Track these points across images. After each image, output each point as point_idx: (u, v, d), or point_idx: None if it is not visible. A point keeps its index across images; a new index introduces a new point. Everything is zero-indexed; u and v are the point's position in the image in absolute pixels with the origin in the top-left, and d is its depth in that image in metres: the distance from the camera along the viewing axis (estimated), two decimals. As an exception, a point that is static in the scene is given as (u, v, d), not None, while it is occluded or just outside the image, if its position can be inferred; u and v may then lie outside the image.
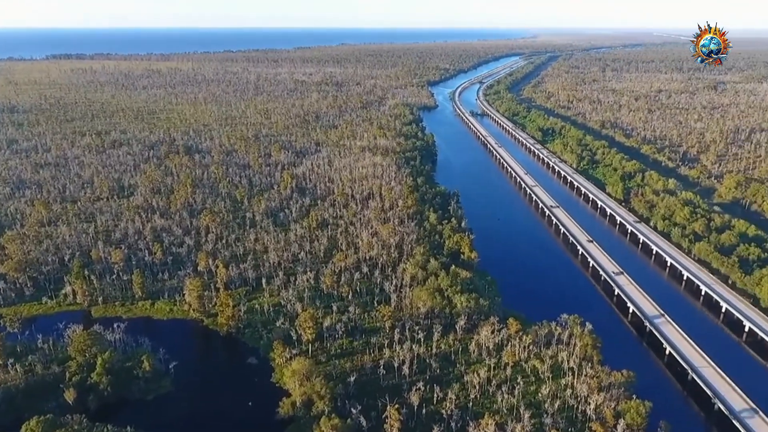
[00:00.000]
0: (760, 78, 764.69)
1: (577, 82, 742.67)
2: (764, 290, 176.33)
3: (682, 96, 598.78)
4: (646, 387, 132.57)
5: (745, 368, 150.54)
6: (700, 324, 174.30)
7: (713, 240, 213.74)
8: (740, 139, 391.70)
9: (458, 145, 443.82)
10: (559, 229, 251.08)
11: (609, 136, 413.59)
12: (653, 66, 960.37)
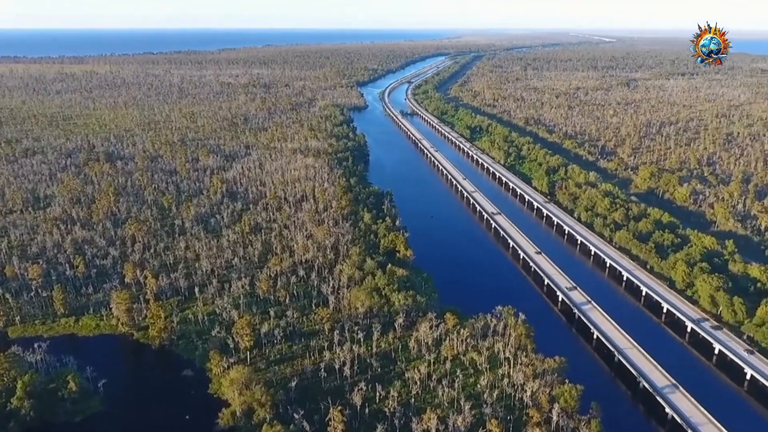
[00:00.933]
0: (667, 75, 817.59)
1: (501, 80, 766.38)
2: (679, 273, 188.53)
3: (598, 93, 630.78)
4: (577, 371, 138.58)
5: (665, 347, 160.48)
6: (624, 308, 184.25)
7: (632, 228, 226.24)
8: (652, 132, 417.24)
9: (389, 144, 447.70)
10: (490, 224, 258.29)
11: (533, 132, 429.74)
12: (571, 65, 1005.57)
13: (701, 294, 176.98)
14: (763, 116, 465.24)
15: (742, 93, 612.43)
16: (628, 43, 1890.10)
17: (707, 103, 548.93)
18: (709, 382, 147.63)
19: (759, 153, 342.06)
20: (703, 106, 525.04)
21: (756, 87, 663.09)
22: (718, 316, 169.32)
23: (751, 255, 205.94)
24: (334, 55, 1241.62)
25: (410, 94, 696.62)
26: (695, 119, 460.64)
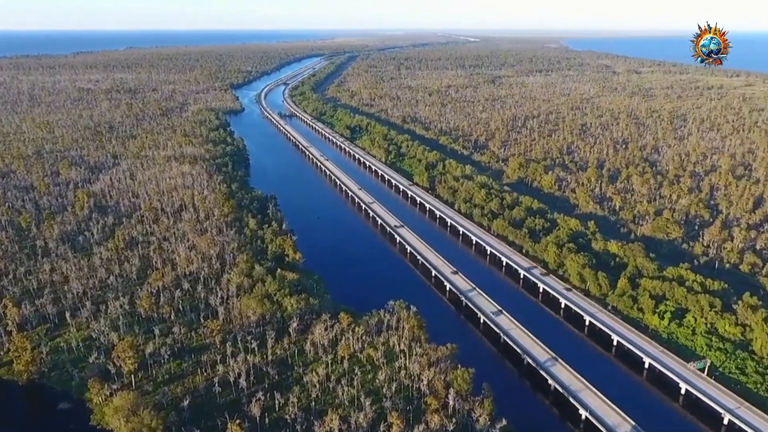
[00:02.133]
0: (527, 72, 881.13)
1: (376, 80, 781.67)
2: (550, 255, 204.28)
3: (467, 90, 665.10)
4: (468, 355, 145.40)
5: (544, 324, 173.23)
6: (505, 291, 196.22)
7: (507, 216, 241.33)
8: (518, 125, 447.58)
9: (270, 147, 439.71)
10: (376, 221, 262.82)
11: (411, 130, 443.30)
12: (441, 64, 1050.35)
13: (571, 272, 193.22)
14: (611, 108, 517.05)
15: (591, 87, 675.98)
16: (491, 43, 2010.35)
17: (563, 97, 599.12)
18: (583, 351, 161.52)
19: (609, 141, 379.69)
20: (560, 100, 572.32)
21: (602, 82, 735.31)
22: (587, 291, 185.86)
23: (610, 233, 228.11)
24: (204, 57, 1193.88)
25: (287, 95, 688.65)
26: (554, 112, 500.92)
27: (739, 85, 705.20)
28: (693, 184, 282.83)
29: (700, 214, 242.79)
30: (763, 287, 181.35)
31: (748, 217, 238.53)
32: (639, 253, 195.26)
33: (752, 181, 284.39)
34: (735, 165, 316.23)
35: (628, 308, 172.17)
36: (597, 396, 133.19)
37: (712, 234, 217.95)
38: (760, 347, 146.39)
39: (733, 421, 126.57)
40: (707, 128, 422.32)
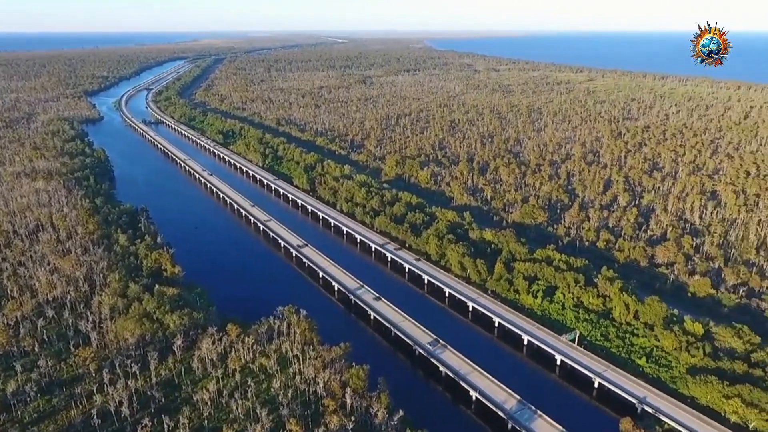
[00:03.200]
0: (396, 72, 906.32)
1: (246, 83, 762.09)
2: (432, 247, 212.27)
3: (340, 90, 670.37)
4: (361, 352, 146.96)
5: (431, 313, 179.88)
6: (393, 285, 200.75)
7: (388, 213, 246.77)
8: (391, 124, 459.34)
9: (136, 157, 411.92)
10: (258, 227, 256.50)
11: (286, 132, 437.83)
12: (311, 65, 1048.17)
13: (452, 261, 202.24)
14: (475, 104, 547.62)
15: (456, 85, 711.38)
16: (359, 43, 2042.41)
17: (431, 95, 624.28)
18: (469, 335, 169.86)
19: (476, 136, 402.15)
20: (429, 98, 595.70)
21: (466, 80, 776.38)
22: (468, 278, 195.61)
23: (484, 222, 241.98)
24: (52, 62, 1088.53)
25: (151, 101, 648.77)
26: (424, 110, 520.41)
27: (584, 80, 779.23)
28: (552, 172, 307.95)
29: (561, 198, 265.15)
30: (617, 260, 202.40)
31: (600, 198, 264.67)
32: (511, 239, 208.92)
33: (601, 166, 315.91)
34: (586, 152, 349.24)
35: (505, 291, 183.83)
36: (485, 376, 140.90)
37: (572, 216, 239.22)
38: (618, 314, 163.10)
39: (602, 383, 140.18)
40: (560, 120, 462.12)
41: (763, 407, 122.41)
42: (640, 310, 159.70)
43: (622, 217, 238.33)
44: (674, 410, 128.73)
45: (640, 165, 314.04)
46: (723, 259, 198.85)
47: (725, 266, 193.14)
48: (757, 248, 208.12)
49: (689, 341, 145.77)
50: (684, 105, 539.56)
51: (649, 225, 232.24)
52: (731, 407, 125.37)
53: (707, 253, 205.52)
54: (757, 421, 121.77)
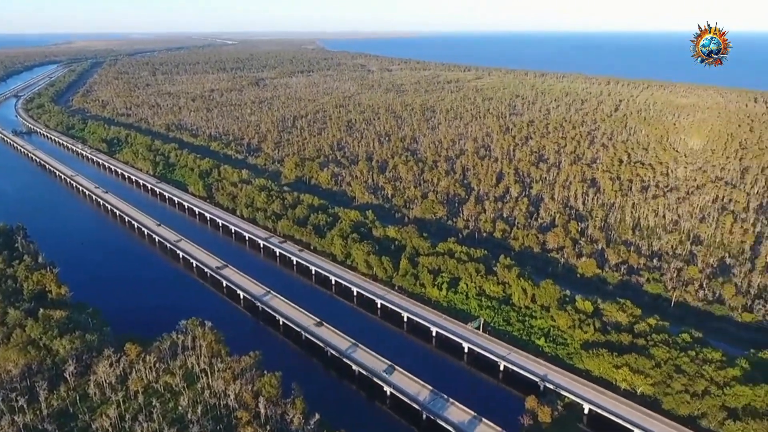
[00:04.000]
0: (289, 73, 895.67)
1: (130, 87, 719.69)
2: (337, 247, 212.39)
3: (232, 93, 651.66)
4: (272, 359, 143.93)
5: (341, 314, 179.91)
6: (300, 289, 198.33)
7: (291, 216, 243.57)
8: (288, 126, 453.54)
9: (7, 171, 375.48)
10: (153, 238, 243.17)
11: (177, 138, 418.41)
12: (200, 67, 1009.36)
13: (358, 260, 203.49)
14: (371, 104, 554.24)
15: (351, 86, 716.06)
16: (250, 45, 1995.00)
17: (326, 96, 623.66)
18: (380, 333, 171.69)
19: (374, 135, 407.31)
20: (324, 99, 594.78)
21: (360, 80, 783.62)
22: (374, 276, 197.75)
23: (387, 219, 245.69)
24: None
25: (21, 109, 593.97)
26: (320, 111, 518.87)
27: (472, 79, 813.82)
28: (448, 167, 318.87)
29: (458, 192, 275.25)
30: (513, 248, 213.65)
31: (494, 190, 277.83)
32: (414, 234, 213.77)
33: (492, 160, 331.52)
34: (478, 147, 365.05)
35: (411, 285, 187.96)
36: (397, 371, 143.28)
37: (470, 209, 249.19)
38: (517, 299, 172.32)
39: (507, 366, 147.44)
40: (452, 117, 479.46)
41: (648, 373, 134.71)
42: (537, 294, 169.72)
43: (514, 207, 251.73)
44: (572, 384, 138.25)
45: (527, 157, 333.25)
46: (605, 241, 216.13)
47: (607, 247, 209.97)
48: (633, 229, 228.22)
49: (581, 319, 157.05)
50: (562, 100, 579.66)
51: (539, 213, 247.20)
52: (621, 376, 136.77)
53: (591, 236, 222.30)
54: (643, 386, 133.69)
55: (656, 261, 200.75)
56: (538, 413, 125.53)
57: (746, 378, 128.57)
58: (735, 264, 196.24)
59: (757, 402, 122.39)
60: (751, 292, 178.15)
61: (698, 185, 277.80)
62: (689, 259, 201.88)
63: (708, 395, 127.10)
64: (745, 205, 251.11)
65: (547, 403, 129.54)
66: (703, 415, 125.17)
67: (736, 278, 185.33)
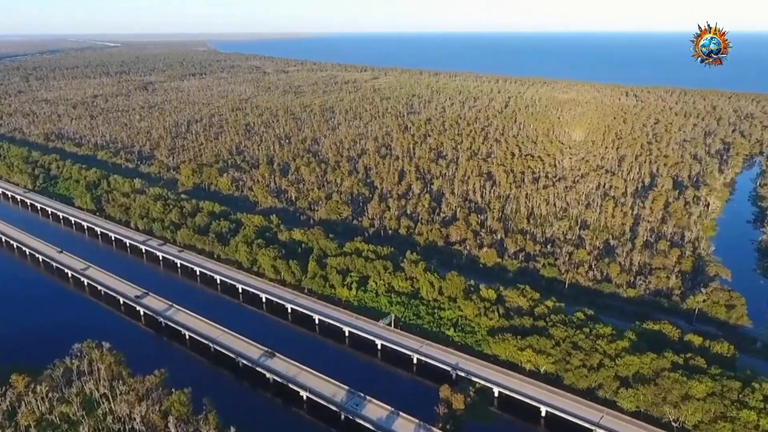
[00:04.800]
0: (180, 76, 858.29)
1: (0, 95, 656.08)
2: (242, 254, 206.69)
3: (119, 98, 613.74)
4: (180, 375, 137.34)
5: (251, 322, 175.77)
6: (206, 301, 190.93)
7: (190, 225, 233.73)
8: (182, 131, 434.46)
9: None
10: (36, 258, 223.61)
11: (59, 148, 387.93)
12: (80, 71, 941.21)
13: (265, 266, 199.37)
14: (269, 106, 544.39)
15: (247, 88, 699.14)
16: (135, 47, 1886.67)
17: (222, 99, 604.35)
18: (292, 337, 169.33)
19: (273, 137, 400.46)
20: (219, 103, 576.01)
21: (256, 82, 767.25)
22: (283, 281, 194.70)
23: (292, 222, 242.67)
24: None
25: None
26: (216, 115, 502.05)
27: (368, 79, 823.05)
28: (351, 167, 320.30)
29: (362, 192, 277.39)
30: (419, 244, 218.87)
31: (396, 188, 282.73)
32: (320, 236, 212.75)
33: (394, 158, 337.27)
34: (379, 146, 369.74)
35: (321, 287, 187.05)
36: (313, 374, 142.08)
37: (374, 208, 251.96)
38: (426, 292, 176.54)
39: (420, 359, 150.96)
40: (352, 117, 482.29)
41: (549, 352, 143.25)
42: (444, 286, 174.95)
43: (417, 203, 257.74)
44: (482, 369, 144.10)
45: (427, 155, 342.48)
46: (503, 231, 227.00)
47: (506, 237, 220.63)
48: (528, 218, 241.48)
49: (486, 306, 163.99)
50: (456, 98, 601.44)
51: (441, 208, 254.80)
52: (525, 357, 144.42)
53: (491, 227, 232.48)
54: (546, 365, 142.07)
55: (550, 247, 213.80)
56: (452, 401, 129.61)
57: (634, 348, 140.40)
58: (618, 245, 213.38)
59: (644, 369, 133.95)
60: (633, 270, 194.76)
61: (582, 174, 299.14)
62: (578, 242, 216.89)
63: (603, 367, 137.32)
64: (623, 191, 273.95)
65: (459, 390, 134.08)
66: (599, 386, 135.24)
67: (619, 258, 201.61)
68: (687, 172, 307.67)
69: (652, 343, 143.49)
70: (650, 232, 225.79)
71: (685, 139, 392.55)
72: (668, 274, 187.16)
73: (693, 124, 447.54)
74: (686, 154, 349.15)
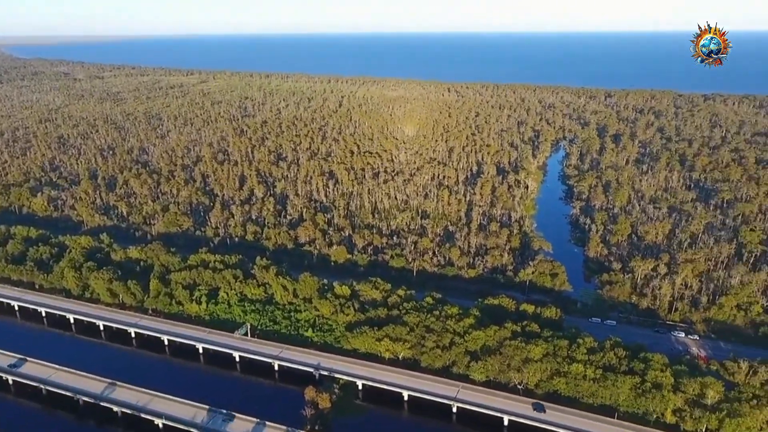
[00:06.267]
0: None
1: None
2: (70, 281, 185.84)
3: None
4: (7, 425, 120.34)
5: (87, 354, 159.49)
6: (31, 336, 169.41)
7: (1, 254, 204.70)
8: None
9: None
10: None
11: None
12: None
13: (99, 291, 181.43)
14: (84, 116, 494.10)
15: (56, 97, 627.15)
16: None
17: (26, 110, 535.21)
18: (140, 365, 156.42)
19: (94, 149, 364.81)
20: (23, 114, 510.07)
21: (66, 90, 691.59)
22: (122, 304, 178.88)
23: (126, 240, 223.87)
24: None
25: None
26: (21, 128, 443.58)
27: (196, 83, 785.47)
28: (187, 176, 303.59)
29: (202, 201, 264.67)
30: (268, 248, 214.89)
31: (239, 194, 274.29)
32: (161, 251, 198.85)
33: (232, 164, 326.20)
34: (215, 152, 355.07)
35: (167, 306, 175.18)
36: (167, 399, 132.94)
37: (217, 216, 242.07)
38: (280, 297, 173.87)
39: (281, 364, 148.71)
40: (182, 124, 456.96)
41: (405, 339, 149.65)
42: (297, 288, 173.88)
43: (262, 208, 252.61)
44: (344, 365, 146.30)
45: (266, 158, 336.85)
46: (351, 227, 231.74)
47: (353, 233, 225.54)
48: (372, 213, 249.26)
49: (341, 303, 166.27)
50: (290, 99, 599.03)
51: (287, 210, 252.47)
52: (383, 347, 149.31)
53: (338, 225, 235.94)
54: (403, 351, 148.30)
55: (396, 238, 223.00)
56: (318, 401, 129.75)
57: (479, 323, 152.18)
58: (456, 230, 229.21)
59: (489, 341, 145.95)
60: (471, 251, 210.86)
61: (418, 167, 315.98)
62: (421, 232, 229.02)
63: (454, 345, 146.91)
64: (455, 180, 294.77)
65: (324, 389, 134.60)
66: (453, 363, 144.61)
67: (459, 242, 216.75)
68: (507, 159, 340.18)
69: (494, 316, 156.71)
70: (482, 215, 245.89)
71: (502, 129, 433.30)
72: (501, 252, 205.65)
73: (507, 116, 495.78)
74: (504, 142, 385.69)
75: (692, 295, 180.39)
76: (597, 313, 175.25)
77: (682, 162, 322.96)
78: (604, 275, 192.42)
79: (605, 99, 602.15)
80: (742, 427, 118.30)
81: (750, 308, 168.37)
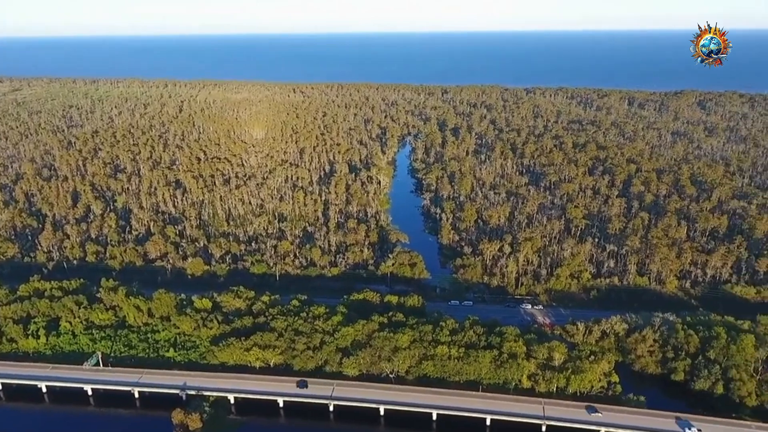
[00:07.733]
0: None
1: None
2: None
3: None
4: None
5: None
6: None
7: None
8: None
9: None
10: None
11: None
12: None
13: None
14: None
15: None
16: None
17: None
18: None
19: None
20: None
21: None
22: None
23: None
24: None
25: None
26: None
27: (7, 91, 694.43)
28: (6, 197, 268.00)
29: (28, 223, 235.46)
30: (114, 268, 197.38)
31: (72, 212, 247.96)
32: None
33: (61, 180, 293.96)
34: (39, 168, 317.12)
35: None
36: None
37: (48, 239, 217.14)
38: (133, 319, 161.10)
39: (142, 390, 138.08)
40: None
41: (275, 345, 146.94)
42: (153, 307, 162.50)
43: (102, 225, 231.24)
44: (213, 381, 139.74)
45: (102, 170, 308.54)
46: (206, 237, 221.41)
47: (209, 243, 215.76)
48: (227, 220, 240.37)
49: (203, 317, 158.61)
50: (123, 106, 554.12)
51: (131, 225, 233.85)
52: (253, 356, 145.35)
53: (191, 236, 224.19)
54: (274, 358, 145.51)
55: (254, 244, 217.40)
56: (188, 423, 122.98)
57: (346, 320, 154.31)
58: (315, 230, 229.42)
59: (358, 336, 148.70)
60: (332, 250, 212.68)
61: (270, 170, 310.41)
62: (280, 235, 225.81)
63: (324, 344, 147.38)
64: (309, 180, 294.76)
65: (194, 410, 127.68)
66: (326, 362, 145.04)
67: (318, 242, 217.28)
68: (358, 156, 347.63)
69: (361, 311, 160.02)
70: (339, 213, 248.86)
71: (350, 127, 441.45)
72: (361, 248, 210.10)
73: (354, 114, 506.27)
74: (354, 140, 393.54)
75: (534, 269, 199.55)
76: (455, 295, 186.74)
77: (514, 150, 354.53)
78: (457, 260, 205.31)
79: (442, 95, 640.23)
80: (585, 381, 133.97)
81: (581, 276, 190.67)
